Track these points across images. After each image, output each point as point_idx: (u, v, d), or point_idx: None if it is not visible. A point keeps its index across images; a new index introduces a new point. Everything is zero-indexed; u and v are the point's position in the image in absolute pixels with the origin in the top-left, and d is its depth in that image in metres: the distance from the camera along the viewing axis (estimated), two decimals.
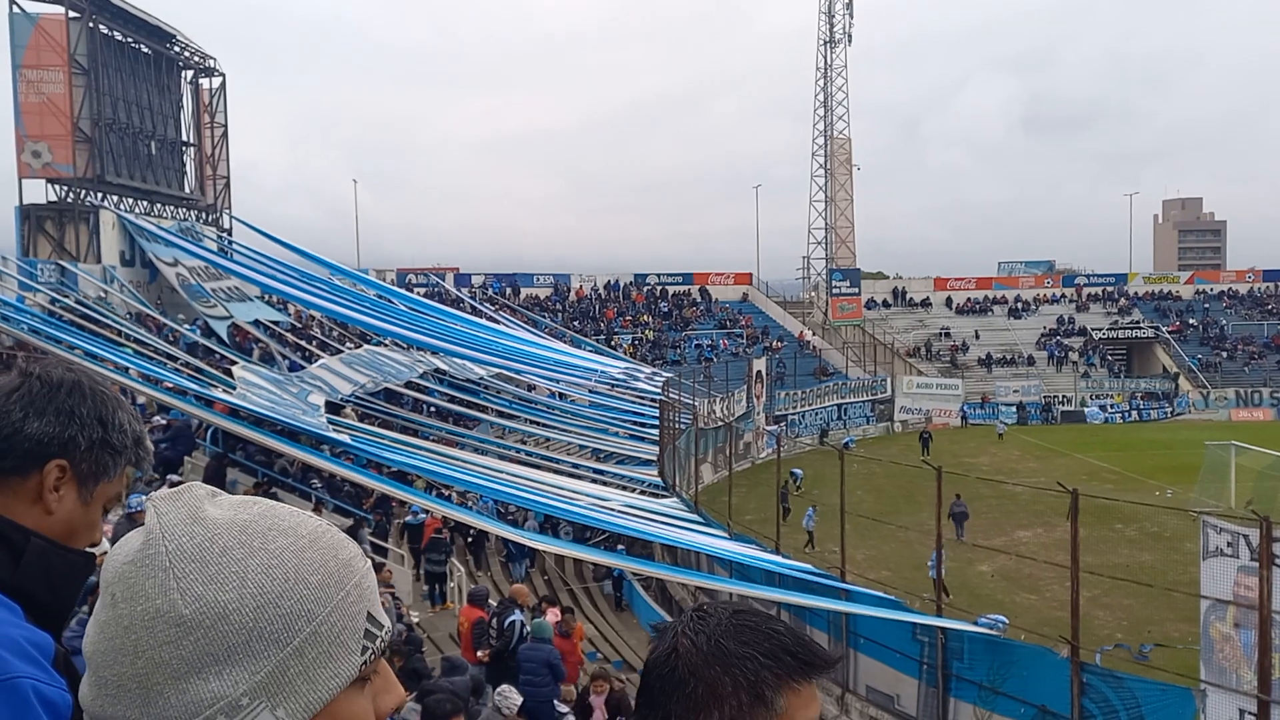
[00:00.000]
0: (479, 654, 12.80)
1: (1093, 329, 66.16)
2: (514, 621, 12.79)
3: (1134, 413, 58.97)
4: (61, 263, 32.16)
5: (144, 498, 10.81)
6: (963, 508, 26.17)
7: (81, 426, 1.55)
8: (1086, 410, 58.54)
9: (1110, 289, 70.81)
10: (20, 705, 1.24)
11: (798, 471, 35.13)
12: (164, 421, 19.68)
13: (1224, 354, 63.53)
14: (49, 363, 1.62)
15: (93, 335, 21.97)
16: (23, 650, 1.29)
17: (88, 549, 1.60)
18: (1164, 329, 65.67)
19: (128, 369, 19.11)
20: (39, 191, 35.88)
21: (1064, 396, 59.66)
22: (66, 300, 26.83)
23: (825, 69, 72.66)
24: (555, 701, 11.55)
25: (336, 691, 0.98)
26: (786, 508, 27.76)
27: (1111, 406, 59.21)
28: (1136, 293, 70.54)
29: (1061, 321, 67.46)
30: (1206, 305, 69.24)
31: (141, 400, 19.72)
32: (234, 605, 0.93)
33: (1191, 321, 67.22)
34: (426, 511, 21.18)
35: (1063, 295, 70.51)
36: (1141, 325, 66.45)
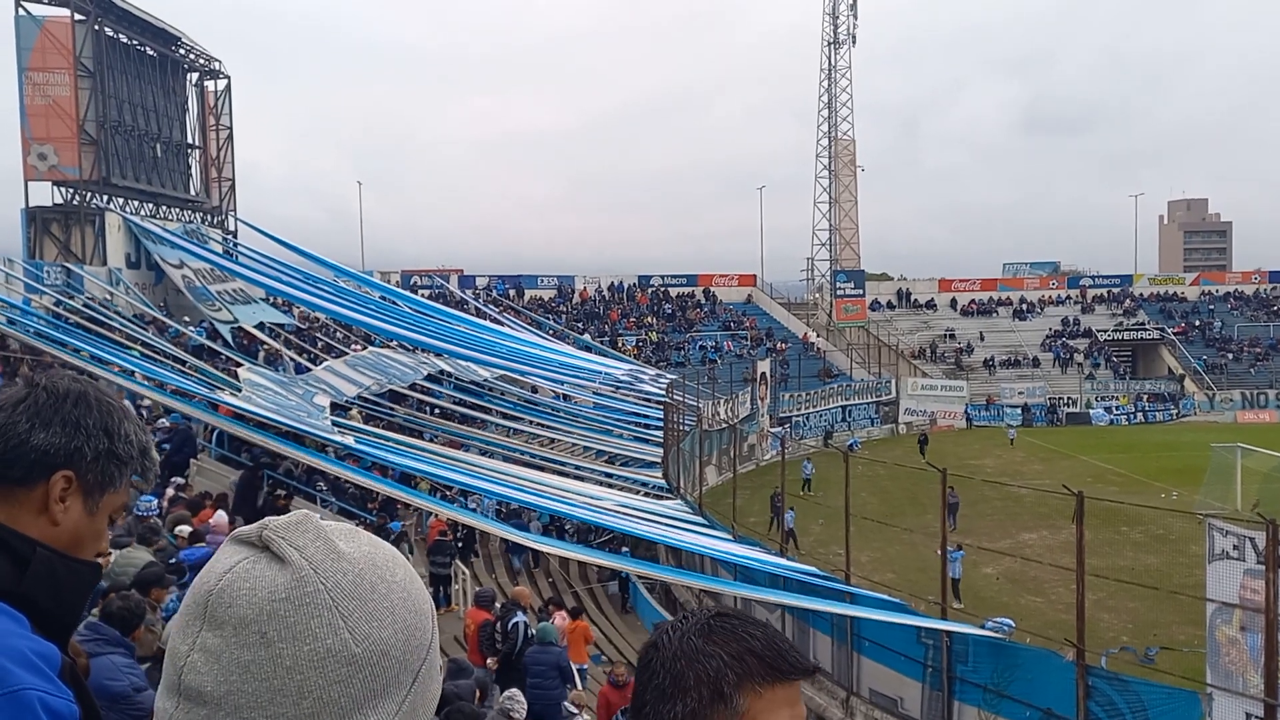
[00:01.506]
0: (489, 662, 12.80)
1: (1098, 330, 66.07)
2: (517, 624, 12.80)
3: (1139, 414, 58.87)
4: (67, 265, 32.20)
5: (214, 534, 10.80)
6: (955, 498, 26.16)
7: (87, 437, 1.55)
8: (1092, 412, 58.46)
9: (1115, 290, 70.71)
10: (26, 717, 1.25)
11: (808, 465, 35.13)
12: (168, 425, 19.69)
13: (1230, 356, 63.42)
14: (55, 374, 1.62)
15: (99, 338, 22.01)
16: (28, 662, 1.30)
17: (94, 559, 1.60)
18: (1169, 330, 65.56)
19: (133, 373, 19.13)
20: (45, 194, 35.95)
21: (1069, 398, 59.58)
22: (72, 303, 26.86)
23: (829, 70, 72.65)
24: (565, 704, 11.56)
25: (435, 705, 1.03)
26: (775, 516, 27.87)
27: (1117, 408, 59.12)
28: (1142, 294, 70.44)
29: (1066, 323, 67.37)
30: (1212, 306, 69.13)
31: (147, 403, 19.77)
32: (391, 640, 0.95)
33: (1197, 323, 67.12)
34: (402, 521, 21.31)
35: (1068, 297, 70.41)
36: (1147, 326, 66.34)
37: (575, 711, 11.33)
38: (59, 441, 1.53)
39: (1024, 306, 69.12)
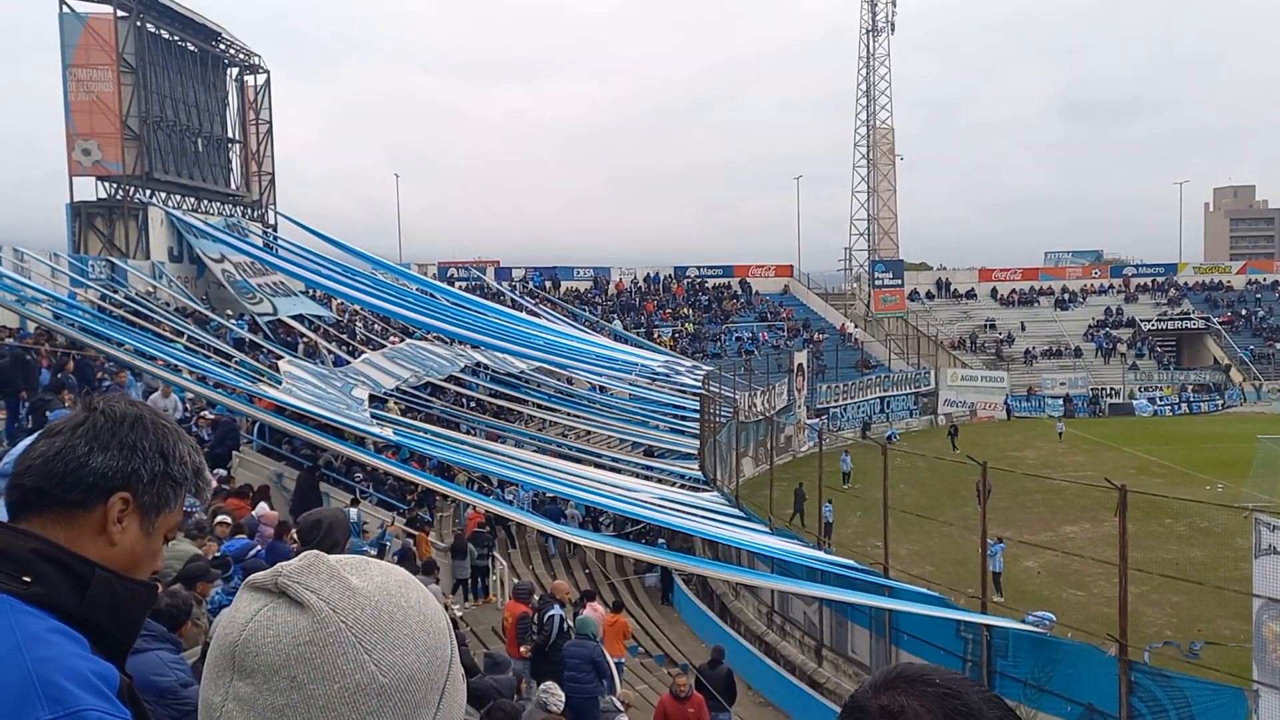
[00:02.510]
0: (521, 649, 12.89)
1: (1141, 320, 65.09)
2: (553, 616, 12.86)
3: (1184, 405, 57.92)
4: (111, 259, 32.69)
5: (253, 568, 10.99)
6: (988, 486, 25.92)
7: (144, 459, 1.59)
8: (1135, 403, 57.63)
9: (1160, 279, 69.61)
10: None
11: (847, 458, 34.94)
12: (211, 418, 19.95)
13: (1277, 345, 62.23)
14: (113, 398, 1.66)
15: (143, 331, 22.33)
16: (88, 683, 1.32)
17: (149, 578, 1.63)
18: (1215, 320, 64.45)
19: (178, 367, 19.39)
20: (89, 189, 36.50)
21: (1112, 389, 58.77)
22: (116, 296, 27.27)
23: (868, 58, 72.13)
24: (613, 699, 11.57)
25: (462, 711, 1.06)
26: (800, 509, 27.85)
27: (1161, 399, 58.23)
28: (1186, 283, 69.30)
29: (1109, 312, 66.45)
30: (1259, 296, 67.85)
31: (190, 395, 20.03)
32: (415, 665, 0.99)
33: (1243, 312, 65.94)
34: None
35: (1111, 286, 69.43)
36: (1192, 316, 65.26)
37: (620, 709, 11.30)
38: (116, 464, 1.56)
39: (1066, 296, 68.23)
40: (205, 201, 40.76)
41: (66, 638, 1.40)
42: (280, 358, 25.55)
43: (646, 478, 27.45)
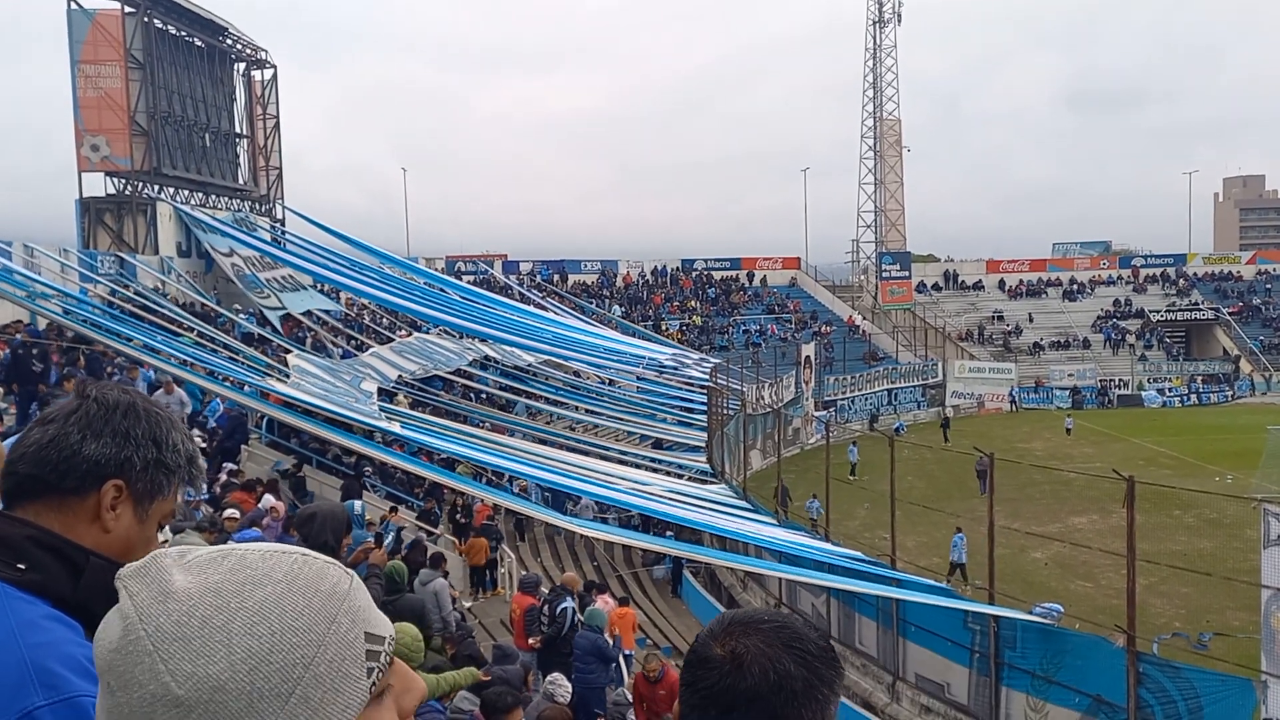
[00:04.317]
0: (530, 641, 12.93)
1: (1150, 311, 64.85)
2: (565, 608, 12.90)
3: (1193, 396, 57.75)
4: (120, 254, 32.81)
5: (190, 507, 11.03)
6: (983, 465, 25.94)
7: (137, 447, 1.60)
8: (1144, 394, 57.47)
9: (1169, 270, 69.31)
10: None
11: (854, 450, 34.93)
12: (223, 410, 20.00)
13: None
14: (105, 385, 1.67)
15: (153, 326, 22.40)
16: (83, 669, 1.33)
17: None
18: (1224, 310, 64.18)
19: (188, 363, 19.46)
20: (98, 185, 36.65)
21: (1120, 380, 58.60)
22: (126, 292, 27.36)
23: (874, 49, 71.88)
24: (622, 690, 11.60)
25: None
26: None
27: (1170, 390, 58.05)
28: (1196, 273, 68.99)
29: (1118, 303, 66.21)
30: (1269, 286, 67.53)
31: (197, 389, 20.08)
32: (227, 675, 0.91)
33: (1253, 302, 65.66)
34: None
35: (1119, 277, 69.16)
36: (1201, 306, 65.01)
37: (630, 702, 11.30)
38: (109, 452, 1.58)
39: (1074, 287, 68.00)
40: (213, 196, 40.87)
41: (61, 624, 1.41)
42: (289, 352, 25.62)
43: (655, 470, 27.45)
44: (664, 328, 55.14)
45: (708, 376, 33.81)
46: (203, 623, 0.93)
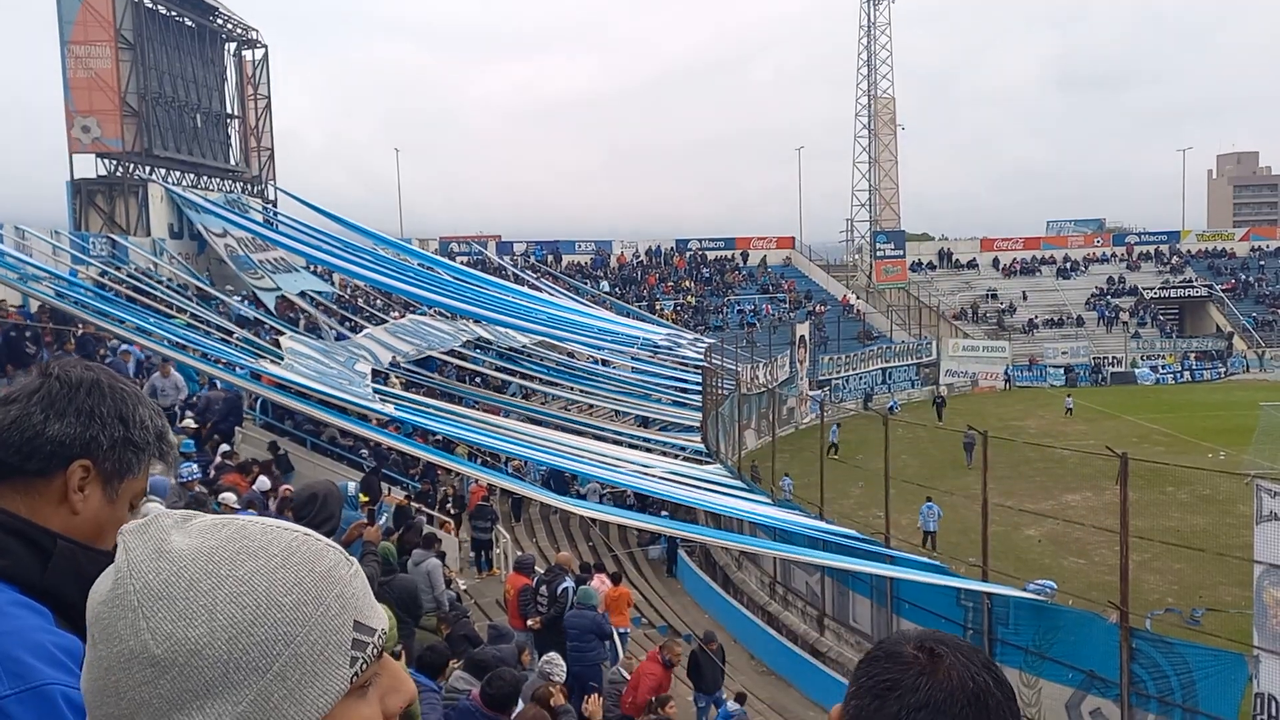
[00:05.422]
0: (529, 622, 12.96)
1: (1144, 288, 64.96)
2: (566, 588, 12.93)
3: (1186, 373, 57.90)
4: (112, 236, 32.66)
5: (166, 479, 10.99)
6: (970, 439, 26.08)
7: (103, 425, 1.55)
8: (1137, 371, 57.62)
9: (1162, 247, 69.39)
10: (49, 711, 1.26)
11: (835, 430, 34.93)
12: (221, 392, 19.94)
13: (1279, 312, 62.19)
14: (68, 362, 1.62)
15: (145, 309, 22.33)
16: (51, 656, 1.30)
17: (116, 548, 1.62)
18: (1218, 287, 64.31)
19: (183, 345, 19.41)
20: (89, 166, 36.44)
21: (1114, 358, 58.75)
22: (118, 273, 27.26)
23: (869, 27, 71.65)
24: (617, 668, 11.65)
25: (328, 708, 0.95)
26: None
27: (1163, 367, 58.22)
28: (1189, 250, 69.08)
29: (1111, 281, 66.29)
30: (1262, 263, 67.65)
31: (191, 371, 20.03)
32: (205, 640, 0.91)
33: (1246, 279, 65.76)
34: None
35: (1113, 254, 69.22)
36: (1194, 284, 65.13)
37: (627, 679, 11.35)
38: (74, 431, 1.53)
39: (1068, 265, 68.05)
40: (205, 178, 40.68)
41: (29, 611, 1.38)
42: (282, 334, 25.55)
43: (650, 450, 27.48)
44: (658, 308, 55.11)
45: (702, 357, 33.81)
46: (189, 585, 0.93)
